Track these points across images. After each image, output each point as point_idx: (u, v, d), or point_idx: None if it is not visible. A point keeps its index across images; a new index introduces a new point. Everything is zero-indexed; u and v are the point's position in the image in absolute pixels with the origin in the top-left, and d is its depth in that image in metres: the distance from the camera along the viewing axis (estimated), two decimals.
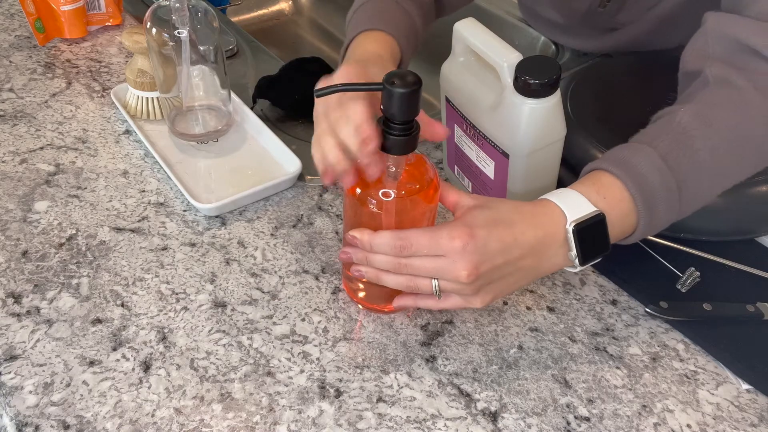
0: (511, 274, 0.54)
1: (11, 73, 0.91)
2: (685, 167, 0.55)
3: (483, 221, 0.52)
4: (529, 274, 0.55)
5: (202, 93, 0.78)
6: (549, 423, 0.55)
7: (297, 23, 1.38)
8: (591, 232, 0.54)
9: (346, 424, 0.54)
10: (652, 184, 0.54)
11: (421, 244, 0.52)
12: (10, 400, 0.55)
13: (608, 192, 0.55)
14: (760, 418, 0.56)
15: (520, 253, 0.53)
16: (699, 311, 0.62)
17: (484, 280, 0.52)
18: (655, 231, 0.57)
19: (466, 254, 0.51)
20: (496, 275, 0.53)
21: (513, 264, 0.53)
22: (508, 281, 0.54)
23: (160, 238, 0.69)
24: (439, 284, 0.53)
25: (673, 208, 0.56)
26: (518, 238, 0.52)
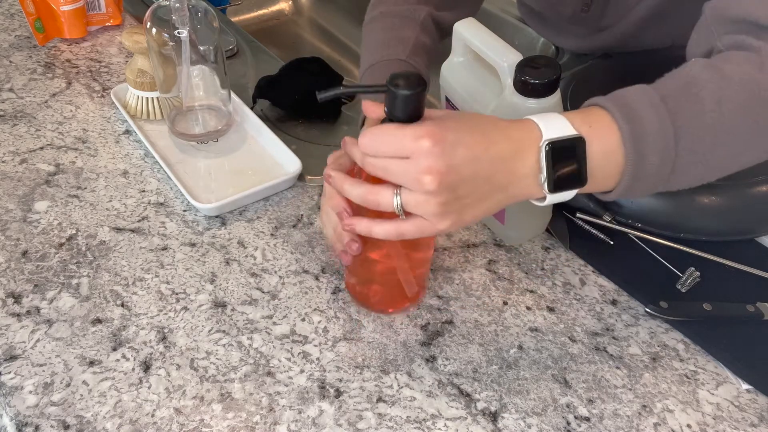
0: (479, 192, 0.48)
1: (11, 73, 0.91)
2: (685, 112, 0.49)
3: (454, 125, 0.47)
4: (499, 195, 0.49)
5: (202, 93, 0.78)
6: (549, 423, 0.55)
7: (297, 23, 1.38)
8: (566, 156, 0.48)
9: (346, 424, 0.54)
10: (644, 119, 0.48)
11: (383, 141, 0.47)
12: (10, 400, 0.55)
13: (595, 121, 0.49)
14: (760, 418, 0.56)
15: (491, 166, 0.48)
16: (699, 311, 0.62)
17: (449, 193, 0.47)
18: (642, 189, 0.51)
19: (431, 156, 0.46)
20: (464, 190, 0.48)
21: (483, 180, 0.48)
22: (476, 201, 0.49)
23: (160, 238, 0.69)
24: (401, 198, 0.48)
25: (667, 160, 0.49)
26: (490, 148, 0.47)
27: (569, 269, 0.67)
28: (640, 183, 0.50)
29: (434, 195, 0.47)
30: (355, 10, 1.28)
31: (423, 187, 0.47)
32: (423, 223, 0.49)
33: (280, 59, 0.96)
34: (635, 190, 0.51)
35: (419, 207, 0.48)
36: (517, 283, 0.66)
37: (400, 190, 0.48)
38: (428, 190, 0.47)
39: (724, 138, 0.50)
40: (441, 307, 0.63)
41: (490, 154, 0.47)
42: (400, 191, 0.48)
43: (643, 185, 0.50)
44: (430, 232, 0.50)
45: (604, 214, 0.69)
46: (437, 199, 0.47)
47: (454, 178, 0.47)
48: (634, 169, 0.49)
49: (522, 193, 0.50)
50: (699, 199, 0.68)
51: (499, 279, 0.66)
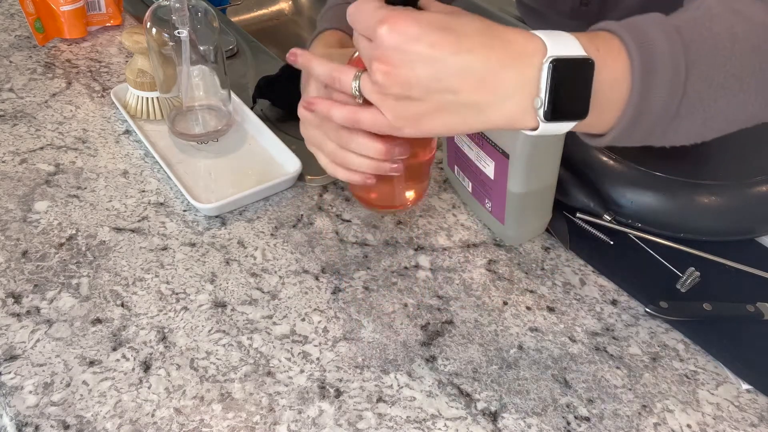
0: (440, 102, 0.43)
1: (11, 73, 0.91)
2: (698, 46, 0.44)
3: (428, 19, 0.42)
4: (469, 113, 0.44)
5: (202, 93, 0.78)
6: (549, 423, 0.55)
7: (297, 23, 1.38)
8: (571, 78, 0.42)
9: (346, 424, 0.54)
10: (657, 48, 0.43)
11: (357, 14, 0.45)
12: (10, 400, 0.55)
13: (603, 45, 0.44)
14: (760, 418, 0.56)
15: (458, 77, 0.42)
16: (699, 311, 0.62)
17: (400, 91, 0.43)
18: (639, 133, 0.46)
19: (384, 46, 0.42)
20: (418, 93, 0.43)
21: (445, 90, 0.42)
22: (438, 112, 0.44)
23: (160, 238, 0.69)
24: (360, 81, 0.45)
25: (674, 97, 0.44)
26: (461, 54, 0.42)
27: (569, 269, 0.67)
28: (640, 123, 0.45)
29: (383, 89, 0.43)
30: None
31: (373, 76, 0.43)
32: (378, 117, 0.46)
33: (280, 59, 0.96)
34: (633, 131, 0.46)
35: (372, 96, 0.45)
36: (517, 283, 0.66)
37: (362, 73, 0.45)
38: (376, 81, 0.43)
39: (731, 85, 0.46)
40: (441, 307, 0.63)
41: (459, 62, 0.42)
42: (361, 73, 0.45)
43: (641, 127, 0.45)
44: (387, 129, 0.46)
45: (604, 214, 0.69)
46: (387, 95, 0.44)
47: (406, 75, 0.42)
48: (640, 100, 0.44)
49: (504, 118, 0.44)
50: (699, 199, 0.68)
51: (499, 279, 0.66)
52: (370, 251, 0.68)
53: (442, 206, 0.74)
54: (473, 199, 0.71)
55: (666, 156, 0.70)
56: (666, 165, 0.69)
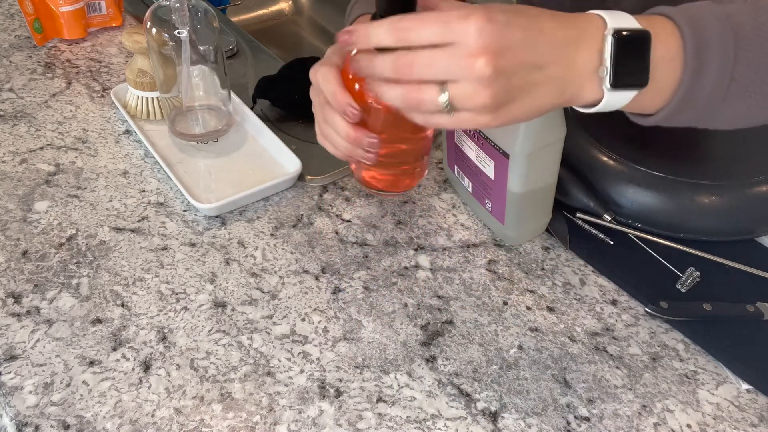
0: (536, 84, 0.44)
1: (11, 73, 0.91)
2: (747, 33, 0.46)
3: (503, 7, 0.43)
4: (554, 89, 0.45)
5: (202, 93, 0.78)
6: (549, 423, 0.55)
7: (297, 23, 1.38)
8: (631, 49, 0.45)
9: (346, 424, 0.54)
10: (709, 33, 0.46)
11: (426, 27, 0.43)
12: (10, 400, 0.55)
13: (657, 25, 0.46)
14: (760, 418, 0.56)
15: (548, 52, 0.43)
16: (699, 311, 0.62)
17: (504, 80, 0.42)
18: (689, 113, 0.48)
19: (484, 35, 0.41)
20: (519, 79, 0.43)
21: (539, 68, 0.43)
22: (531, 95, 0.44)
23: (160, 238, 0.69)
24: (449, 93, 0.43)
25: (722, 80, 0.46)
26: (545, 31, 0.43)
27: (569, 269, 0.67)
28: (690, 104, 0.47)
29: (488, 82, 0.42)
30: None
31: (475, 73, 0.42)
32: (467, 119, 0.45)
33: (280, 59, 0.96)
34: (682, 111, 0.48)
35: (468, 100, 0.43)
36: (517, 283, 0.66)
37: (447, 85, 0.43)
38: (481, 76, 0.42)
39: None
40: (441, 307, 0.63)
41: (548, 39, 0.43)
42: (447, 86, 0.43)
43: (690, 108, 0.47)
44: (467, 126, 0.45)
45: (604, 214, 0.69)
46: (490, 89, 0.42)
47: (511, 61, 0.42)
48: (691, 81, 0.46)
49: (577, 92, 0.46)
50: (699, 199, 0.68)
51: (499, 279, 0.66)
52: (370, 251, 0.68)
53: (442, 206, 0.74)
54: (473, 199, 0.71)
55: (666, 156, 0.70)
56: (666, 165, 0.69)
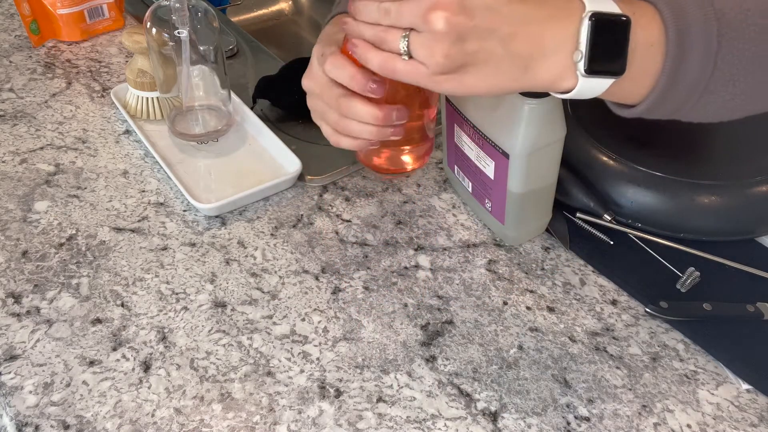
0: (492, 53, 0.44)
1: (11, 73, 0.91)
2: (730, 19, 0.45)
3: None
4: (515, 66, 0.45)
5: (202, 93, 0.78)
6: (549, 423, 0.55)
7: (297, 23, 1.38)
8: (609, 33, 0.44)
9: (346, 424, 0.54)
10: (691, 18, 0.45)
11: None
12: (10, 400, 0.55)
13: (638, 10, 0.45)
14: (760, 418, 0.56)
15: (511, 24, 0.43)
16: (699, 311, 0.62)
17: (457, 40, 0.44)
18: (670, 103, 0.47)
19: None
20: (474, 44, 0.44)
21: (499, 37, 0.44)
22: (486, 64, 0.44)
23: (160, 238, 0.69)
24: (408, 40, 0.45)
25: (705, 68, 0.45)
26: (516, 5, 0.44)
27: (569, 269, 0.67)
28: (672, 93, 0.47)
29: (441, 38, 0.44)
30: None
31: (430, 26, 0.43)
32: (419, 68, 0.46)
33: (280, 59, 0.96)
34: (664, 102, 0.47)
35: (423, 49, 0.45)
36: (517, 283, 0.66)
37: (409, 32, 0.45)
38: (435, 29, 0.43)
39: (762, 59, 0.47)
40: (441, 307, 0.63)
41: (513, 10, 0.44)
42: (408, 33, 0.45)
43: (673, 97, 0.47)
44: (425, 81, 0.46)
45: (604, 214, 0.69)
46: (443, 44, 0.44)
47: (465, 22, 0.43)
48: (673, 69, 0.45)
49: (547, 74, 0.45)
50: (699, 199, 0.68)
51: (499, 279, 0.66)
52: (370, 251, 0.68)
53: (442, 206, 0.74)
54: (473, 199, 0.71)
55: (666, 156, 0.70)
56: (666, 165, 0.69)
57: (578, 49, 0.44)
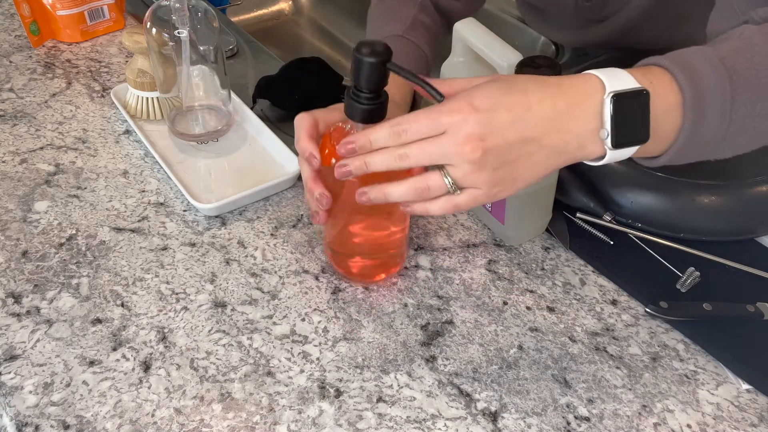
0: (530, 153, 0.47)
1: (11, 73, 0.91)
2: (742, 75, 0.48)
3: (489, 92, 0.47)
4: (552, 155, 0.48)
5: (202, 93, 0.78)
6: (549, 423, 0.55)
7: (297, 23, 1.38)
8: (631, 109, 0.47)
9: (346, 424, 0.54)
10: (706, 81, 0.48)
11: (419, 123, 0.47)
12: (10, 400, 0.55)
13: (656, 78, 0.48)
14: (760, 418, 0.56)
15: (538, 126, 0.46)
16: (699, 311, 0.62)
17: (496, 158, 0.46)
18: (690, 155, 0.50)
19: (467, 125, 0.46)
20: (512, 155, 0.47)
21: (531, 141, 0.47)
22: (528, 163, 0.48)
23: (160, 238, 0.69)
24: (450, 176, 0.47)
25: (722, 123, 0.48)
26: (533, 107, 0.46)
27: (569, 269, 0.67)
28: (692, 147, 0.49)
29: (481, 163, 0.46)
30: (355, 10, 1.28)
31: (466, 157, 0.46)
32: (476, 193, 0.49)
33: (280, 59, 0.96)
34: (685, 154, 0.50)
35: (469, 178, 0.47)
36: (517, 283, 0.66)
37: (446, 169, 0.48)
38: (472, 159, 0.46)
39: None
40: (441, 307, 0.63)
41: (536, 114, 0.46)
42: (446, 170, 0.48)
43: (693, 150, 0.50)
44: (486, 200, 0.49)
45: (604, 214, 0.69)
46: (486, 168, 0.47)
47: (497, 141, 0.46)
48: (692, 129, 0.48)
49: (580, 152, 0.48)
50: (699, 199, 0.68)
51: (499, 279, 0.66)
52: None
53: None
54: None
55: None
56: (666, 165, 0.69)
57: (603, 128, 0.47)
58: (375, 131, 0.49)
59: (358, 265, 0.63)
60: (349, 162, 0.51)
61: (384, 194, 0.51)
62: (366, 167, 0.50)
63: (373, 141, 0.49)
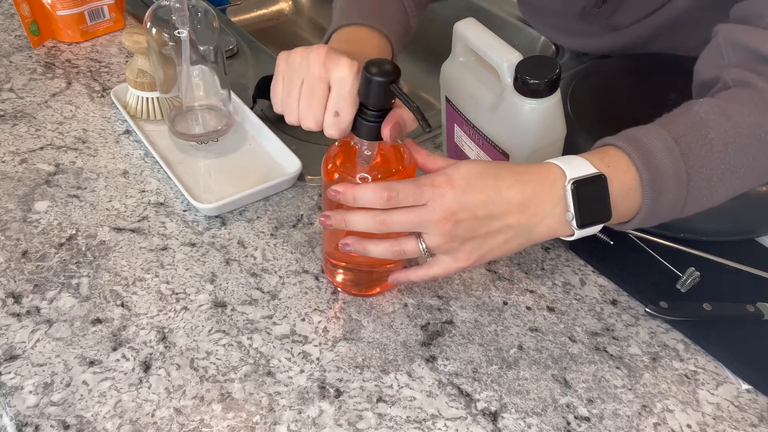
0: (498, 231, 0.52)
1: (11, 73, 0.91)
2: (696, 153, 0.53)
3: (466, 172, 0.51)
4: (520, 234, 0.52)
5: (202, 93, 0.78)
6: (549, 423, 0.55)
7: (297, 23, 1.38)
8: (591, 192, 0.52)
9: (346, 424, 0.54)
10: (661, 162, 0.52)
11: (407, 192, 0.51)
12: (10, 400, 0.55)
13: (613, 162, 0.53)
14: (760, 418, 0.56)
15: (505, 208, 0.51)
16: (699, 311, 0.62)
17: (466, 231, 0.51)
18: (655, 221, 0.55)
19: (443, 200, 0.50)
20: (482, 230, 0.51)
21: (499, 219, 0.51)
22: (497, 240, 0.52)
23: (160, 238, 0.69)
24: (425, 243, 0.52)
25: (680, 197, 0.53)
26: (503, 192, 0.51)
27: (569, 269, 0.67)
28: (654, 217, 0.54)
29: (452, 235, 0.51)
30: None
31: (440, 228, 0.51)
32: (447, 263, 0.54)
33: None
34: (651, 220, 0.55)
35: (441, 248, 0.52)
36: (517, 283, 0.66)
37: (423, 236, 0.52)
38: (446, 231, 0.51)
39: (728, 176, 0.55)
40: (441, 307, 0.63)
41: (504, 198, 0.51)
42: (422, 237, 0.52)
43: (656, 218, 0.54)
44: (455, 270, 0.54)
45: None
46: (456, 239, 0.51)
47: (467, 216, 0.50)
48: (651, 206, 0.53)
49: (547, 233, 0.53)
50: None
51: (499, 279, 0.66)
52: None
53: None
54: None
55: None
56: None
57: (568, 211, 0.51)
58: (362, 191, 0.51)
59: (355, 279, 0.63)
60: (331, 215, 0.54)
61: (364, 249, 0.55)
62: (345, 225, 0.54)
63: (358, 198, 0.52)
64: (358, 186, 0.52)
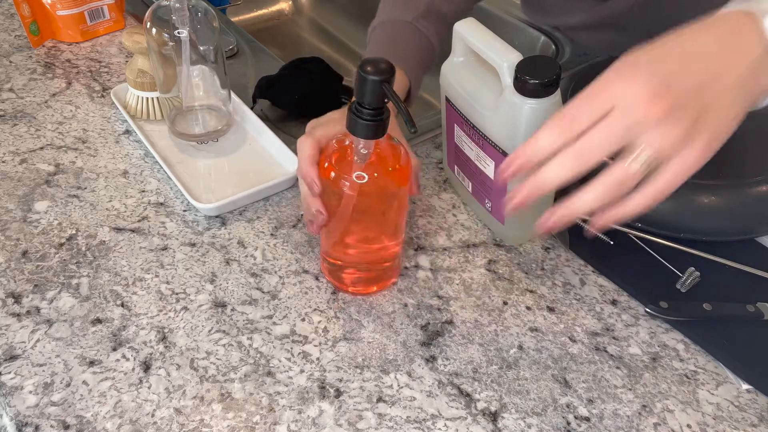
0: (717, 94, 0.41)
1: (11, 73, 0.91)
2: None
3: (633, 54, 0.42)
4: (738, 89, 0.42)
5: (202, 93, 0.78)
6: (549, 423, 0.55)
7: (297, 23, 1.38)
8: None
9: (346, 424, 0.54)
10: None
11: (584, 104, 0.42)
12: (10, 400, 0.55)
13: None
14: (760, 418, 0.56)
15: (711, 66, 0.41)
16: (699, 311, 0.62)
17: (683, 112, 0.40)
18: None
19: (636, 88, 0.40)
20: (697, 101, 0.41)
21: (713, 82, 0.41)
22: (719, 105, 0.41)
23: (160, 238, 0.69)
24: (645, 153, 0.41)
25: None
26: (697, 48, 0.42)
27: (569, 269, 0.67)
28: None
29: (669, 122, 0.40)
30: (355, 10, 1.28)
31: (651, 122, 0.40)
32: (682, 162, 0.42)
33: (280, 59, 0.96)
34: None
35: (664, 144, 0.41)
36: (517, 283, 0.66)
37: (632, 148, 0.41)
38: (659, 120, 0.40)
39: None
40: (441, 307, 0.63)
41: (703, 56, 0.42)
42: (639, 151, 0.41)
43: None
44: (693, 167, 0.43)
45: None
46: (676, 125, 0.40)
47: (679, 91, 0.40)
48: None
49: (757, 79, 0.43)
50: (699, 199, 0.68)
51: (499, 279, 0.66)
52: None
53: (442, 206, 0.74)
54: (473, 199, 0.71)
55: None
56: None
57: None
58: (535, 139, 0.43)
59: (352, 277, 0.63)
60: (521, 189, 0.45)
61: (572, 211, 0.45)
62: (542, 187, 0.44)
63: (539, 147, 0.43)
64: (530, 139, 0.43)
